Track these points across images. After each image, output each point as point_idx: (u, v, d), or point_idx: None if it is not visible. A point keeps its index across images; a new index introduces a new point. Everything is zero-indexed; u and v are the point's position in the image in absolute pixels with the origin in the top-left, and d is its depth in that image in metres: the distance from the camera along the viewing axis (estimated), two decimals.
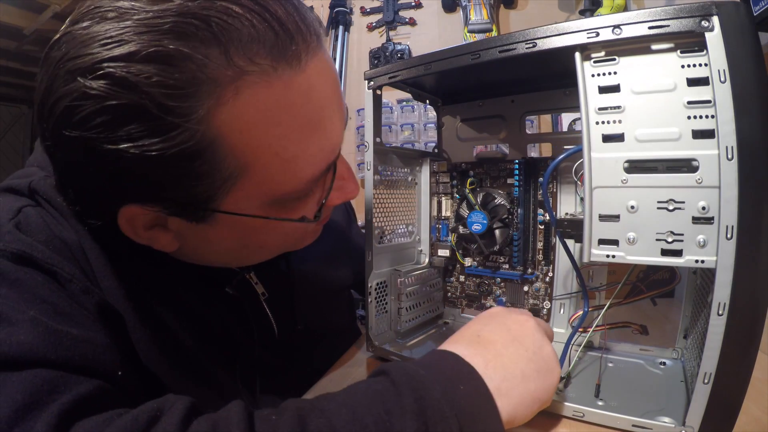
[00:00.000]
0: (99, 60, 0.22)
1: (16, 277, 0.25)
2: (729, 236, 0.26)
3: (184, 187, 0.25)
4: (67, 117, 0.23)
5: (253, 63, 0.24)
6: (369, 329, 0.45)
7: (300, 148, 0.28)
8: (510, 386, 0.28)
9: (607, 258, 0.31)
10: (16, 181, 0.33)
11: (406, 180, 0.51)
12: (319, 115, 0.28)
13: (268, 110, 0.25)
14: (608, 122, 0.30)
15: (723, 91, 0.26)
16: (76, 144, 0.23)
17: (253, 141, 0.25)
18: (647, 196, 0.29)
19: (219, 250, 0.33)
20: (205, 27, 0.23)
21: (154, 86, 0.22)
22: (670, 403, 0.32)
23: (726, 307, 0.27)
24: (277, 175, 0.27)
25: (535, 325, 0.33)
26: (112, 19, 0.22)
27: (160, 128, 0.23)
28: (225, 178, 0.26)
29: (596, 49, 0.31)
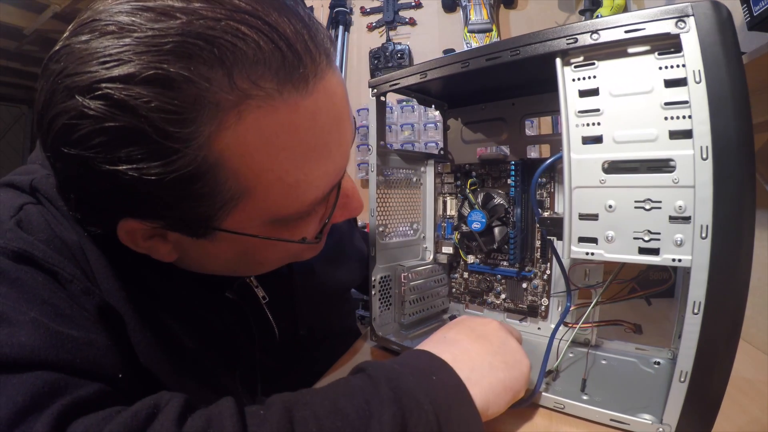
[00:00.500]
0: (97, 80, 0.21)
1: (16, 276, 0.25)
2: (704, 235, 0.27)
3: (184, 208, 0.25)
4: (66, 134, 0.22)
5: (258, 86, 0.23)
6: (373, 320, 0.48)
7: (304, 172, 0.27)
8: (479, 376, 0.30)
9: (587, 255, 0.32)
10: (18, 177, 0.32)
11: (411, 180, 0.54)
12: (325, 139, 0.28)
13: (271, 135, 0.25)
14: (587, 125, 0.31)
15: (698, 91, 0.27)
16: (74, 161, 0.23)
17: (255, 165, 0.25)
18: (625, 195, 0.30)
19: (219, 263, 0.33)
20: (209, 48, 0.22)
21: (153, 111, 0.21)
22: (654, 402, 0.33)
23: (701, 306, 0.27)
24: (279, 198, 0.27)
25: (498, 324, 0.35)
26: (111, 34, 0.22)
27: (159, 152, 0.22)
28: (226, 201, 0.26)
29: (575, 55, 0.32)
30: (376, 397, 0.25)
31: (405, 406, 0.25)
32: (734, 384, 0.34)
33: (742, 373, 0.40)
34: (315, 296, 0.47)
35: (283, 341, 0.42)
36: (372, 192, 0.47)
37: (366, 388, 0.26)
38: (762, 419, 0.33)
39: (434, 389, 0.27)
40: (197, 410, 0.24)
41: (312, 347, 0.47)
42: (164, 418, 0.22)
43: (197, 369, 0.35)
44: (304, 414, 0.24)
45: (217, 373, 0.37)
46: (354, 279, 0.57)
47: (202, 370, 0.36)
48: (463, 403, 0.28)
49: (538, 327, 0.48)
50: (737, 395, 0.36)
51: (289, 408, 0.24)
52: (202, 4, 0.22)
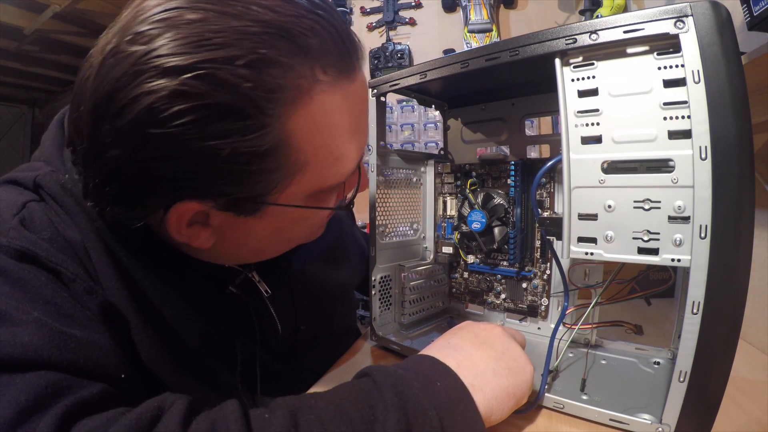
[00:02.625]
0: (199, 60, 0.22)
1: (19, 275, 0.25)
2: (703, 235, 0.27)
3: (248, 183, 0.27)
4: (152, 114, 0.23)
5: (325, 74, 0.27)
6: (373, 320, 0.49)
7: (347, 147, 0.30)
8: (482, 382, 0.29)
9: (586, 255, 0.32)
10: (21, 173, 0.32)
11: (411, 180, 0.54)
12: (361, 119, 0.32)
13: (330, 115, 0.28)
14: (586, 125, 0.31)
15: (697, 91, 0.27)
16: (159, 141, 0.23)
17: (315, 140, 0.28)
18: (624, 195, 0.30)
19: (251, 246, 0.33)
20: (294, 40, 0.25)
21: (252, 89, 0.23)
22: (654, 402, 0.33)
23: (701, 306, 0.27)
24: (327, 171, 0.30)
25: (501, 330, 0.35)
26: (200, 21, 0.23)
27: (251, 128, 0.24)
28: (286, 175, 0.28)
29: (575, 55, 0.32)
30: (380, 402, 0.25)
31: (409, 412, 0.25)
32: (734, 384, 0.34)
33: (742, 373, 0.40)
34: (315, 293, 0.47)
35: (284, 337, 0.43)
36: (372, 192, 0.47)
37: (371, 393, 0.26)
38: (762, 419, 0.33)
39: (438, 395, 0.27)
40: (202, 412, 0.24)
41: (312, 345, 0.47)
42: (168, 421, 0.22)
43: (198, 367, 0.36)
44: (308, 418, 0.24)
45: (217, 371, 0.37)
46: (355, 277, 0.57)
47: (202, 367, 0.36)
48: (467, 410, 0.28)
49: (538, 327, 0.48)
50: (737, 395, 0.36)
51: (293, 412, 0.24)
52: (283, 3, 0.26)
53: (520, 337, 0.37)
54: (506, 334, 0.35)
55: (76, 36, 2.43)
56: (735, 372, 0.28)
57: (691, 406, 0.28)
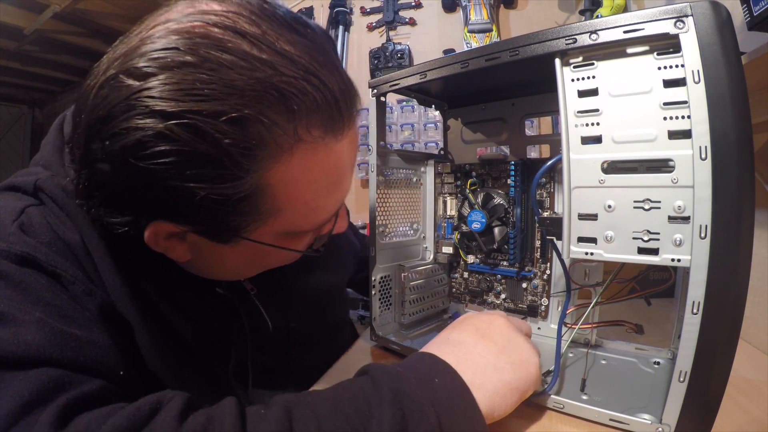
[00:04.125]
0: (185, 110, 0.24)
1: (20, 279, 0.26)
2: (703, 235, 0.27)
3: (224, 219, 0.28)
4: (138, 148, 0.24)
5: (309, 133, 0.28)
6: (373, 320, 0.49)
7: (324, 200, 0.32)
8: (483, 379, 0.29)
9: (586, 255, 0.32)
10: (21, 179, 0.33)
11: (411, 180, 0.54)
12: (342, 176, 0.33)
13: (310, 171, 0.29)
14: (586, 125, 0.31)
15: (697, 91, 0.27)
16: (139, 172, 0.25)
17: (291, 193, 0.29)
18: (624, 195, 0.30)
19: (227, 267, 0.35)
20: (282, 100, 0.26)
21: (231, 145, 0.25)
22: (654, 402, 0.33)
23: (701, 306, 0.27)
24: (300, 218, 0.31)
25: (504, 321, 0.34)
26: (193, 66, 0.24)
27: (226, 177, 0.26)
28: (258, 218, 0.29)
29: (574, 55, 0.32)
30: (376, 398, 0.26)
31: (405, 408, 0.25)
32: (734, 384, 0.34)
33: (742, 373, 0.40)
34: (304, 291, 0.48)
35: (275, 334, 0.43)
36: (372, 192, 0.47)
37: (367, 389, 0.27)
38: (762, 419, 0.33)
39: (436, 392, 0.27)
40: (200, 408, 0.24)
41: (304, 340, 0.48)
42: (166, 414, 0.23)
43: (193, 362, 0.37)
44: (304, 413, 0.24)
45: (212, 367, 0.38)
46: (346, 275, 0.58)
47: (197, 363, 0.37)
48: (467, 407, 0.27)
49: (538, 327, 0.48)
50: (737, 395, 0.36)
51: (289, 408, 0.25)
52: (276, 58, 0.26)
53: (525, 327, 0.36)
54: (509, 325, 0.34)
55: (76, 36, 2.43)
56: (735, 372, 0.28)
57: (691, 406, 0.28)
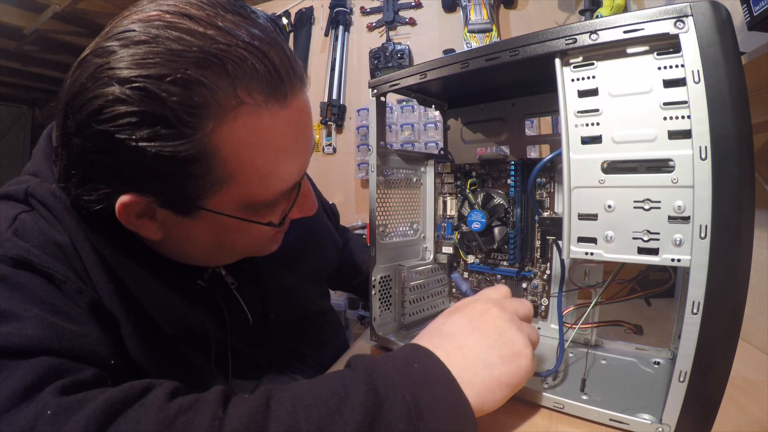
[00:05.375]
0: (136, 75, 0.27)
1: (17, 281, 0.28)
2: (703, 235, 0.27)
3: (179, 185, 0.30)
4: (99, 113, 0.28)
5: (251, 97, 0.30)
6: (373, 320, 0.49)
7: (275, 167, 0.33)
8: (472, 375, 0.29)
9: (586, 255, 0.32)
10: (12, 188, 0.36)
11: (411, 180, 0.54)
12: (293, 144, 0.34)
13: (256, 134, 0.31)
14: (587, 125, 0.31)
15: (697, 91, 0.27)
16: (101, 136, 0.28)
17: (240, 156, 0.31)
18: (624, 195, 0.30)
19: (196, 247, 0.37)
20: (221, 64, 0.28)
21: (177, 104, 0.27)
22: (653, 402, 0.33)
23: (701, 306, 0.27)
24: (254, 186, 0.33)
25: (497, 312, 0.33)
26: (146, 43, 0.28)
27: (174, 135, 0.28)
28: (213, 183, 0.31)
29: (574, 55, 0.32)
30: (352, 380, 0.27)
31: (380, 388, 0.26)
32: (734, 384, 0.34)
33: (742, 373, 0.40)
34: (282, 283, 0.49)
35: (255, 325, 0.45)
36: (372, 192, 0.47)
37: (345, 374, 0.28)
38: (762, 419, 0.33)
39: (414, 374, 0.28)
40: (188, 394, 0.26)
41: (284, 330, 0.49)
42: (157, 392, 0.25)
43: (176, 353, 0.39)
44: (282, 395, 0.26)
45: (193, 357, 0.40)
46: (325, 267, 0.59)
47: (180, 354, 0.39)
48: (448, 388, 0.27)
49: (537, 327, 0.48)
50: (737, 395, 0.36)
51: (270, 391, 0.26)
52: (216, 32, 0.29)
53: (524, 310, 0.35)
54: (503, 315, 0.33)
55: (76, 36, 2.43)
56: (735, 372, 0.28)
57: (691, 406, 0.28)
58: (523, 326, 0.33)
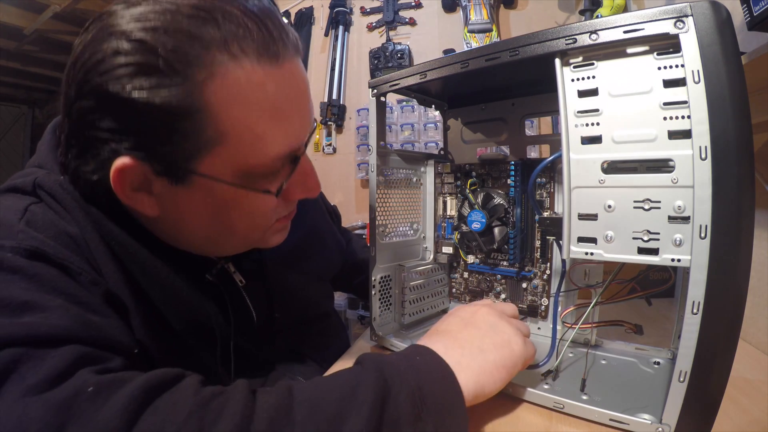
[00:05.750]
0: (134, 29, 0.29)
1: (33, 272, 0.28)
2: (703, 235, 0.27)
3: (172, 143, 0.30)
4: (97, 67, 0.29)
5: (243, 53, 0.30)
6: (373, 320, 0.49)
7: (268, 127, 0.32)
8: (468, 360, 0.32)
9: (586, 255, 0.32)
10: (20, 180, 0.35)
11: (411, 180, 0.54)
12: (287, 107, 0.33)
13: (247, 91, 0.31)
14: (586, 125, 0.31)
15: (697, 91, 0.27)
16: (99, 91, 0.29)
17: (232, 113, 0.31)
18: (624, 195, 0.30)
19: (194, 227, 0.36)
20: (213, 20, 0.29)
21: (170, 53, 0.29)
22: (653, 401, 0.33)
23: (700, 306, 0.27)
24: (246, 147, 0.32)
25: (487, 310, 0.37)
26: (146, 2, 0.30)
27: (166, 84, 0.29)
28: (205, 142, 0.31)
29: (575, 55, 0.32)
30: (362, 372, 0.29)
31: (388, 376, 0.28)
32: (734, 384, 0.34)
33: (742, 373, 0.40)
34: (288, 283, 0.50)
35: (259, 324, 0.46)
36: (372, 192, 0.47)
37: (355, 368, 0.30)
38: (762, 419, 0.33)
39: (417, 364, 0.30)
40: None
41: (288, 330, 0.50)
42: (191, 379, 0.27)
43: (182, 348, 0.39)
44: (302, 386, 0.28)
45: (200, 353, 0.40)
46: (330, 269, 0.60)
47: (186, 349, 0.39)
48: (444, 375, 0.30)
49: (538, 327, 0.48)
50: (737, 395, 0.36)
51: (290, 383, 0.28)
52: None
53: (509, 309, 0.40)
54: (492, 312, 0.37)
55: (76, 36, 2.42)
56: (735, 372, 0.28)
57: (691, 406, 0.28)
58: (511, 320, 0.37)
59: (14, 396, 0.23)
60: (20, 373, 0.24)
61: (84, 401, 0.23)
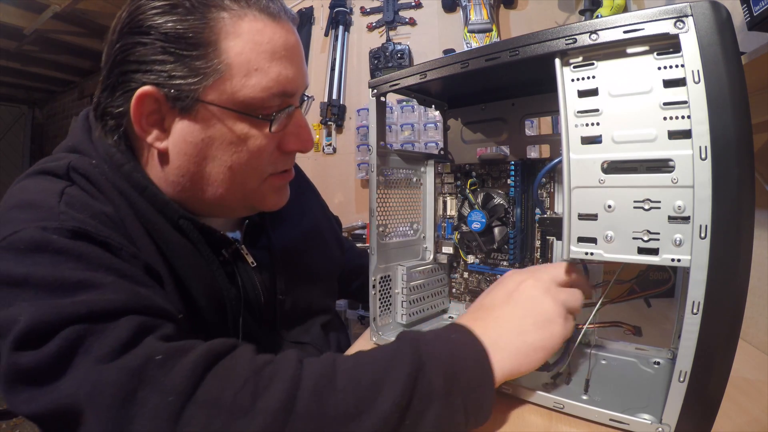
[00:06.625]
0: None
1: (80, 251, 0.31)
2: (703, 235, 0.27)
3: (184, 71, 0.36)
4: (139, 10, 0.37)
5: (248, 6, 0.38)
6: (373, 320, 0.49)
7: (264, 64, 0.38)
8: (506, 341, 0.32)
9: (586, 255, 0.32)
10: (51, 164, 0.37)
11: (411, 180, 0.54)
12: (282, 53, 0.39)
13: (249, 32, 0.37)
14: (586, 125, 0.31)
15: (697, 91, 0.27)
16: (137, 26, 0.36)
17: (235, 48, 0.37)
18: (624, 195, 0.30)
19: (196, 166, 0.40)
20: None
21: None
22: (653, 401, 0.33)
23: (700, 306, 0.27)
24: (244, 78, 0.37)
25: (532, 283, 0.35)
26: None
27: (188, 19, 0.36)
28: (212, 71, 0.37)
29: (575, 55, 0.32)
30: (400, 349, 0.31)
31: (422, 351, 0.30)
32: (734, 384, 0.34)
33: (742, 373, 0.40)
34: (293, 268, 0.53)
35: (266, 306, 0.49)
36: (372, 192, 0.47)
37: (395, 344, 0.32)
38: (762, 419, 0.33)
39: (450, 342, 0.32)
40: None
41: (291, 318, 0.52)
42: (246, 347, 0.30)
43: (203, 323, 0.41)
44: (344, 357, 0.31)
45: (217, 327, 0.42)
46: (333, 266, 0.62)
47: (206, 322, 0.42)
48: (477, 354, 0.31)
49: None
50: (737, 395, 0.36)
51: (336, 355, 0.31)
52: None
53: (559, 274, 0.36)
54: (537, 286, 0.35)
55: (76, 36, 2.43)
56: (735, 372, 0.28)
57: (691, 406, 0.28)
58: (559, 293, 0.35)
59: (87, 365, 0.26)
60: (87, 346, 0.27)
61: (154, 367, 0.26)
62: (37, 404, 0.26)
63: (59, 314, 0.27)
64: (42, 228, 0.31)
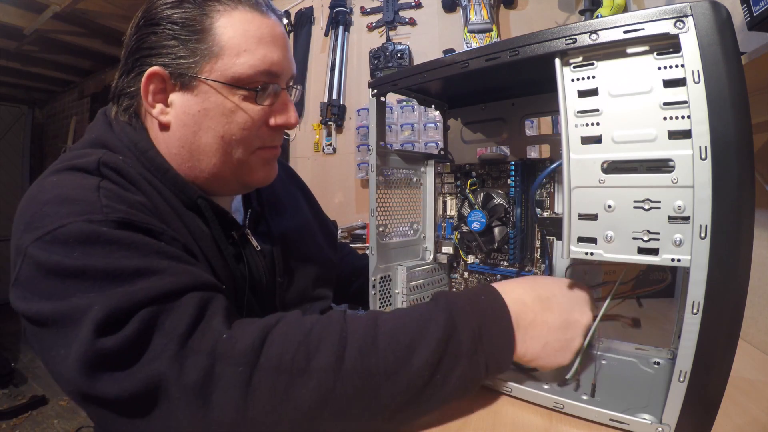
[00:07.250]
0: None
1: (129, 240, 0.33)
2: (703, 235, 0.27)
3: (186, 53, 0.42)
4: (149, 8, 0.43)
5: (241, 4, 0.43)
6: None
7: (252, 47, 0.43)
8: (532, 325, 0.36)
9: (586, 255, 0.32)
10: (81, 160, 0.39)
11: (411, 180, 0.54)
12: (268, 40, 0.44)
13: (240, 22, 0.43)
14: (586, 125, 0.31)
15: (697, 91, 0.27)
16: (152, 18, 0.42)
17: (228, 34, 0.42)
18: (624, 195, 0.30)
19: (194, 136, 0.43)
20: None
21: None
22: (654, 401, 0.33)
23: (700, 306, 0.27)
24: (235, 58, 0.42)
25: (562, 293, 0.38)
26: None
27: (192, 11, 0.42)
28: (208, 53, 0.42)
29: (575, 55, 0.32)
30: (435, 310, 0.35)
31: (455, 315, 0.34)
32: (734, 384, 0.34)
33: (742, 373, 0.40)
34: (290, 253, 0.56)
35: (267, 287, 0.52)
36: (372, 192, 0.47)
37: (431, 305, 0.36)
38: (762, 419, 0.33)
39: (481, 305, 0.35)
40: None
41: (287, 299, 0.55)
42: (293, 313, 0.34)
43: None
44: (386, 316, 0.35)
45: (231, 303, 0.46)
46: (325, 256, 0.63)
47: None
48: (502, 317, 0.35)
49: None
50: (737, 395, 0.36)
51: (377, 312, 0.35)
52: None
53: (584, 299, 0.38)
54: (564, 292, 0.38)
55: (76, 36, 2.42)
56: (735, 372, 0.28)
57: (691, 406, 0.28)
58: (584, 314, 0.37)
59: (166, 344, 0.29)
60: (161, 325, 0.30)
61: (222, 344, 0.30)
62: (121, 386, 0.28)
63: (130, 300, 0.30)
64: (88, 221, 0.33)
